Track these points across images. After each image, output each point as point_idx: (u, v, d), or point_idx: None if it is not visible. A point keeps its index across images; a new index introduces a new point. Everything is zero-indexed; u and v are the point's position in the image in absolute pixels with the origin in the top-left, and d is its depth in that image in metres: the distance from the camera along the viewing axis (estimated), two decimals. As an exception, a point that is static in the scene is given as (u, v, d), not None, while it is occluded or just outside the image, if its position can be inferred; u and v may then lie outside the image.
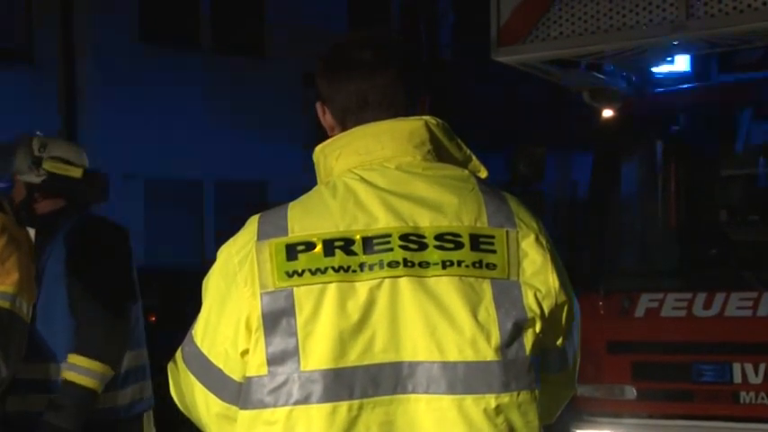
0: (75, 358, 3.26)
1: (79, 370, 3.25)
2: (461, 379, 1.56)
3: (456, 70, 12.95)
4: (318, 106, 1.80)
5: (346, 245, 1.60)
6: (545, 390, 1.67)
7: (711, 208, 5.37)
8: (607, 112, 5.18)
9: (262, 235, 1.64)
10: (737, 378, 4.36)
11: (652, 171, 5.45)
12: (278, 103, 12.43)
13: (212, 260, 1.73)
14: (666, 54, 4.62)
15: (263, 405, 1.59)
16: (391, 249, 1.60)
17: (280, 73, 12.52)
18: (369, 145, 1.70)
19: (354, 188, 1.66)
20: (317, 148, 1.76)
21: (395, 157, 1.69)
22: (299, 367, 1.56)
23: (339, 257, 1.59)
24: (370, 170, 1.68)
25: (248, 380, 1.61)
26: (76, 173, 3.50)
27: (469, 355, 1.57)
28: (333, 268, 1.59)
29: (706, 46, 4.43)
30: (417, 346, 1.57)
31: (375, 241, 1.60)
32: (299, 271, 1.59)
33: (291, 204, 1.69)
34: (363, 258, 1.59)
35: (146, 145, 11.36)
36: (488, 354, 1.58)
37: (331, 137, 1.77)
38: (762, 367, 4.32)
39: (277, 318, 1.58)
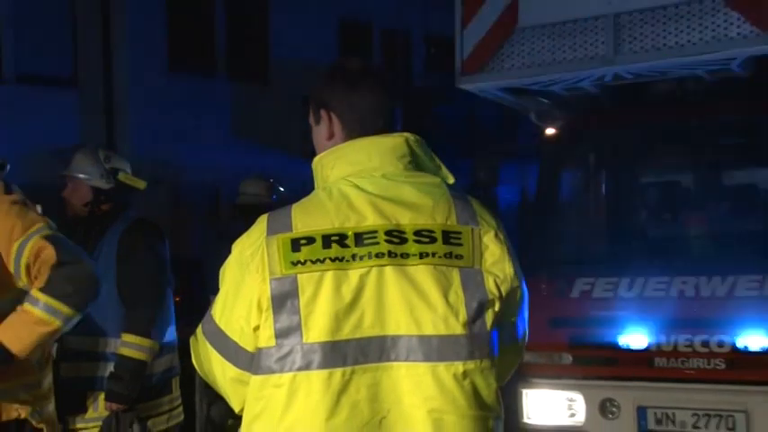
0: (128, 336, 3.29)
1: (132, 346, 3.29)
2: (435, 349, 1.56)
3: (427, 94, 13.03)
4: (323, 114, 1.73)
5: (341, 239, 1.59)
6: (500, 358, 1.66)
7: (633, 209, 5.41)
8: (550, 130, 5.21)
9: (270, 231, 1.63)
10: (653, 346, 4.38)
11: (586, 178, 5.47)
12: (281, 121, 12.41)
13: (227, 252, 1.71)
14: (598, 83, 4.63)
15: (270, 371, 1.58)
16: (378, 243, 1.59)
17: (282, 97, 12.51)
18: (359, 157, 1.68)
19: (347, 193, 1.65)
20: (315, 159, 1.74)
21: (381, 167, 1.68)
22: (301, 340, 1.55)
23: (335, 249, 1.58)
24: (361, 178, 1.67)
25: (259, 350, 1.60)
26: (142, 185, 3.52)
27: (442, 330, 1.57)
28: (330, 258, 1.58)
29: (630, 77, 4.45)
30: (399, 323, 1.57)
31: (365, 236, 1.59)
32: (302, 261, 1.58)
33: (294, 206, 1.68)
34: (355, 250, 1.58)
35: (173, 156, 11.32)
36: (457, 328, 1.57)
37: (323, 146, 1.74)
38: (672, 337, 4.35)
39: (283, 299, 1.57)
